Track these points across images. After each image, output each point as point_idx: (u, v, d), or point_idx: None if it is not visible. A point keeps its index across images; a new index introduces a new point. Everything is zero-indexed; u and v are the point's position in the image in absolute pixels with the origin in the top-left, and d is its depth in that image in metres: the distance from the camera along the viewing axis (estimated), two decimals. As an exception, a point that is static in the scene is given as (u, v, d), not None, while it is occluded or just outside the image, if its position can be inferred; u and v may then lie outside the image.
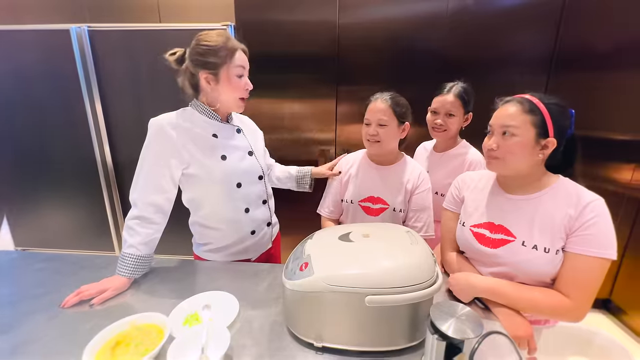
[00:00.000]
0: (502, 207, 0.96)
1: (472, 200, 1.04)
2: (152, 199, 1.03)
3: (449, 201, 1.12)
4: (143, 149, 1.04)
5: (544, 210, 0.88)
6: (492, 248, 0.94)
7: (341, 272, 0.71)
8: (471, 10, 1.89)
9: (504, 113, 0.89)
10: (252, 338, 0.79)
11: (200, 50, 1.02)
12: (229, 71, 1.04)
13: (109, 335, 0.75)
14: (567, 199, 0.86)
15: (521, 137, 0.85)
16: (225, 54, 1.03)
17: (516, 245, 0.90)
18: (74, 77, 2.09)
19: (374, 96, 1.22)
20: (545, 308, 0.86)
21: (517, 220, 0.92)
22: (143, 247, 1.02)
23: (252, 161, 1.20)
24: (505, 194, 0.97)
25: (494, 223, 0.96)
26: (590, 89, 1.91)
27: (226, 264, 1.17)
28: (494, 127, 0.91)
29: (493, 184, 1.01)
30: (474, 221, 1.00)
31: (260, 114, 1.37)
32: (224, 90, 1.06)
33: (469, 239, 1.00)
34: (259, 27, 2.01)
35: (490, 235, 0.95)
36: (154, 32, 2.04)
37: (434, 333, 0.62)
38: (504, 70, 1.95)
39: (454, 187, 1.11)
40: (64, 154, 2.29)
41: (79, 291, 0.92)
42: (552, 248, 0.85)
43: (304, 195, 1.49)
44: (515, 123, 0.86)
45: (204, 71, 1.03)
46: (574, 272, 0.84)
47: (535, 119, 0.85)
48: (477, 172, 1.11)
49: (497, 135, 0.90)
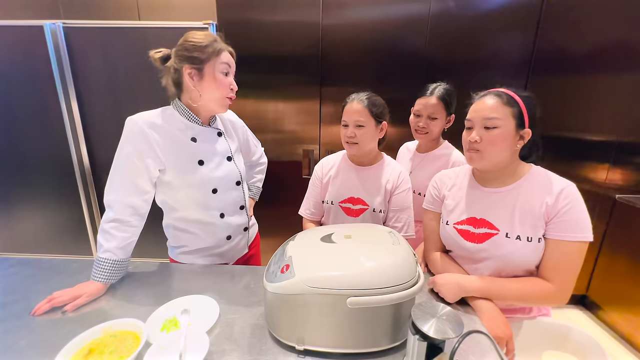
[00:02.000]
0: (482, 201, 0.98)
1: (452, 198, 1.05)
2: (129, 201, 1.00)
3: (429, 201, 1.13)
4: (118, 147, 1.00)
5: (522, 200, 0.91)
6: (478, 243, 0.96)
7: (322, 274, 0.70)
8: (453, 13, 1.92)
9: (484, 106, 0.91)
10: (232, 342, 0.78)
11: (187, 46, 1.00)
12: (215, 67, 1.02)
13: (82, 343, 0.72)
14: (542, 187, 0.89)
15: (503, 128, 0.88)
16: (211, 51, 1.00)
17: (500, 237, 0.92)
18: (49, 76, 2.01)
19: (350, 97, 1.22)
20: (532, 297, 0.89)
21: (498, 212, 0.94)
22: (119, 251, 0.98)
23: (230, 167, 1.17)
24: (484, 188, 0.99)
25: (476, 218, 0.97)
26: (567, 91, 1.98)
27: (207, 267, 1.15)
28: (475, 120, 0.92)
29: (470, 180, 1.03)
30: (456, 218, 1.02)
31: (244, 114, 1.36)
32: (208, 87, 1.03)
33: (454, 236, 1.01)
34: (241, 26, 1.99)
35: (474, 230, 0.97)
36: (133, 30, 1.98)
37: (415, 333, 0.62)
38: (484, 72, 1.99)
39: (432, 187, 1.13)
40: (39, 154, 2.21)
41: (51, 298, 0.88)
42: (534, 236, 0.88)
43: (285, 196, 1.48)
44: (497, 115, 0.88)
45: (188, 66, 1.00)
46: (555, 257, 0.87)
47: (513, 111, 0.88)
48: (452, 170, 1.13)
49: (479, 128, 0.91)
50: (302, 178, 2.23)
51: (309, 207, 1.39)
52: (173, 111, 1.07)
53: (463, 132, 0.98)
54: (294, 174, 2.24)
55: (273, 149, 2.18)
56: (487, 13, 1.91)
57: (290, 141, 2.20)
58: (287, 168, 2.23)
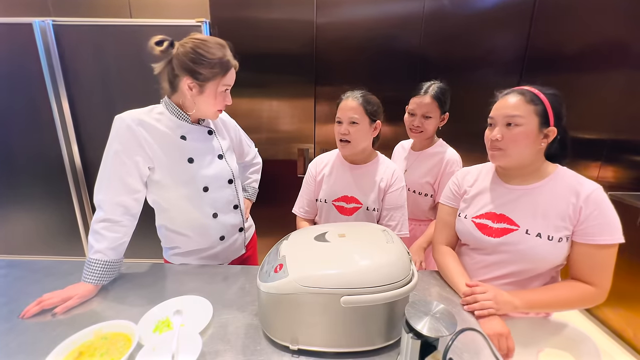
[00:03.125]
0: (504, 197, 0.98)
1: (472, 192, 1.05)
2: (119, 200, 0.98)
3: (447, 197, 1.13)
4: (107, 146, 0.98)
5: (545, 199, 0.91)
6: (495, 237, 0.96)
7: (316, 273, 0.70)
8: (447, 11, 1.93)
9: (506, 104, 0.91)
10: (226, 343, 0.77)
11: (195, 58, 0.96)
12: (217, 87, 1.01)
13: (72, 346, 0.71)
14: (568, 188, 0.89)
15: (525, 126, 0.87)
16: (218, 70, 0.99)
17: (520, 233, 0.92)
18: (39, 74, 1.98)
19: (345, 94, 1.22)
20: (574, 301, 0.90)
21: (519, 209, 0.94)
22: (111, 252, 0.97)
23: (222, 165, 1.15)
24: (506, 184, 0.99)
25: (495, 213, 0.97)
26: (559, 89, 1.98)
27: (200, 267, 1.14)
28: (497, 118, 0.92)
29: (493, 176, 1.03)
30: (475, 212, 1.02)
31: (238, 114, 1.35)
32: (206, 102, 1.02)
33: (471, 229, 1.01)
34: (234, 24, 1.97)
35: (493, 225, 0.97)
36: (125, 28, 1.95)
37: (409, 332, 0.62)
38: (478, 70, 2.00)
39: (453, 183, 1.12)
40: (29, 155, 2.17)
41: (41, 300, 0.87)
42: (555, 236, 0.88)
43: (281, 196, 1.47)
44: (520, 113, 0.88)
45: (190, 78, 0.98)
46: (592, 260, 0.87)
47: (537, 109, 0.88)
48: (475, 167, 1.12)
49: (501, 126, 0.91)
50: (298, 177, 2.22)
51: (302, 206, 1.38)
52: (163, 109, 1.05)
53: (486, 130, 0.97)
54: (289, 173, 2.23)
55: (268, 148, 2.17)
56: (481, 11, 1.92)
57: (285, 140, 2.19)
58: (282, 167, 2.22)
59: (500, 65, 1.99)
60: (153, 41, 0.96)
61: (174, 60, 0.98)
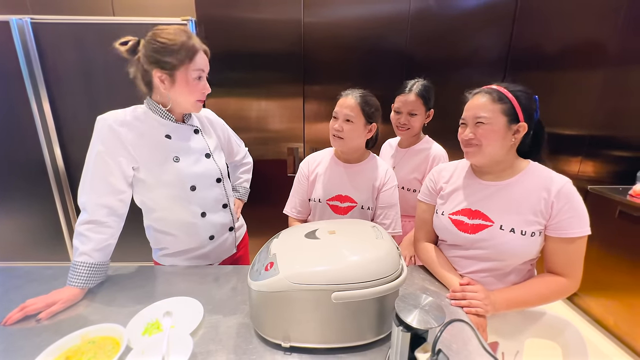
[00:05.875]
0: (478, 193, 1.00)
1: (448, 189, 1.07)
2: (103, 201, 0.96)
3: (425, 193, 1.15)
4: (89, 147, 0.97)
5: (518, 195, 0.94)
6: (471, 234, 0.98)
7: (306, 270, 0.70)
8: (432, 11, 1.96)
9: (475, 104, 0.94)
10: (217, 343, 0.76)
11: (156, 47, 0.94)
12: (187, 73, 0.98)
13: (57, 352, 0.69)
14: (540, 183, 0.92)
15: (493, 125, 0.91)
16: (184, 55, 0.95)
17: (494, 229, 0.95)
18: (17, 74, 1.92)
19: (346, 91, 1.22)
20: (551, 295, 0.93)
21: (493, 205, 0.97)
22: (97, 253, 0.95)
23: (209, 164, 1.14)
24: (481, 181, 1.01)
25: (471, 209, 1.00)
26: (541, 87, 2.05)
27: (189, 268, 1.12)
28: (467, 118, 0.96)
29: (467, 172, 1.06)
30: (452, 209, 1.04)
31: (226, 113, 1.34)
32: (180, 92, 1.00)
33: (448, 226, 1.03)
34: (221, 23, 1.95)
35: (469, 221, 0.99)
36: (107, 26, 1.92)
37: (399, 325, 0.63)
38: (463, 69, 2.04)
39: (430, 180, 1.14)
40: (9, 157, 2.11)
41: (24, 306, 0.84)
42: (528, 230, 0.91)
43: (271, 195, 1.47)
44: (486, 114, 0.91)
45: (159, 70, 0.96)
46: (565, 253, 0.91)
47: (504, 107, 0.91)
48: (451, 163, 1.15)
49: (471, 126, 0.94)
50: (287, 176, 2.21)
51: (294, 206, 1.36)
52: (145, 109, 1.03)
53: (459, 129, 1.00)
54: (279, 172, 2.23)
55: (257, 147, 2.15)
56: (465, 12, 1.96)
57: (274, 139, 2.18)
58: (271, 166, 2.21)
59: (485, 64, 2.04)
60: (117, 42, 0.96)
61: (141, 57, 0.97)
